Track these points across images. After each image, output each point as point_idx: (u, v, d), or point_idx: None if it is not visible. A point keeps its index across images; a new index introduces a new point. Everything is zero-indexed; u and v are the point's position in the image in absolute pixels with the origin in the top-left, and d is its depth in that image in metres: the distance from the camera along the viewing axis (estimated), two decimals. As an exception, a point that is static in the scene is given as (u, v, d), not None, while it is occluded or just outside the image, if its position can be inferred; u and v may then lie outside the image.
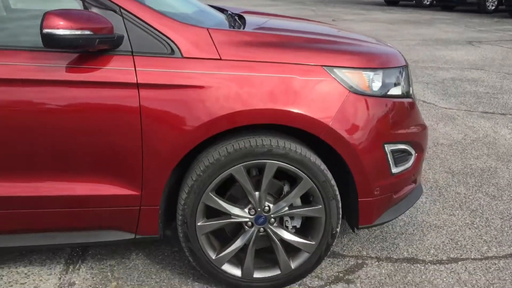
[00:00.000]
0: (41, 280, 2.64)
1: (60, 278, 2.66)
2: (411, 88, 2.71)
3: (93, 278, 2.67)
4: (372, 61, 2.48)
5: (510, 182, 3.82)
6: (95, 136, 2.26)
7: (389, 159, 2.50)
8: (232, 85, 2.28)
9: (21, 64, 2.19)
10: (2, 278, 2.65)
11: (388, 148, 2.49)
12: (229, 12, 3.23)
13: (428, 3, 19.33)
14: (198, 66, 2.27)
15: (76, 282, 2.63)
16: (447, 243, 3.00)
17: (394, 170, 2.54)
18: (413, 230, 3.14)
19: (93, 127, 2.24)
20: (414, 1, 19.50)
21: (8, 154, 2.24)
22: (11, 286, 2.59)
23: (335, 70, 2.37)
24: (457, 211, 3.38)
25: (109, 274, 2.71)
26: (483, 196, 3.60)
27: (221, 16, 3.09)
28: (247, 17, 3.06)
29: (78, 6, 2.27)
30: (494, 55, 9.05)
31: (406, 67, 2.71)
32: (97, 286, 2.60)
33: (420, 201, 3.51)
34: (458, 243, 3.00)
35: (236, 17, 3.11)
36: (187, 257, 2.54)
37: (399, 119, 2.58)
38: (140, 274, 2.71)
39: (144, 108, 2.24)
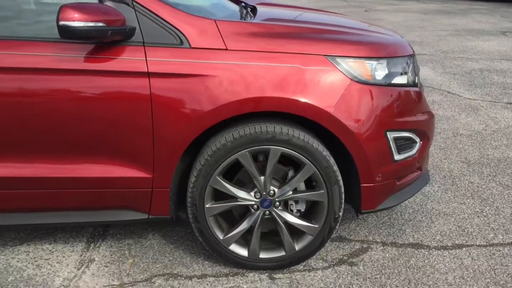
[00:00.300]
0: (63, 256, 2.84)
1: (81, 255, 2.85)
2: (417, 77, 2.77)
3: (111, 255, 2.85)
4: (374, 50, 2.56)
5: (526, 172, 3.83)
6: (110, 121, 2.42)
7: (392, 146, 2.58)
8: (238, 74, 2.40)
9: (45, 54, 2.37)
10: (28, 254, 2.85)
11: (391, 135, 2.57)
12: (243, 3, 3.34)
13: (465, -8, 18.89)
14: (205, 56, 2.40)
15: (96, 259, 2.81)
16: (454, 230, 3.05)
17: (397, 157, 2.62)
18: (422, 217, 3.21)
19: (108, 113, 2.40)
20: (450, -9, 19.08)
21: (28, 138, 2.43)
22: (36, 261, 2.79)
23: (338, 59, 2.46)
24: (468, 200, 3.42)
25: (126, 252, 2.88)
26: (496, 185, 3.62)
27: (234, 7, 3.20)
28: (260, 9, 3.17)
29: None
30: (527, 46, 8.86)
31: (412, 56, 2.77)
32: (114, 262, 2.78)
33: (432, 190, 3.56)
34: (465, 230, 3.06)
35: (249, 8, 3.22)
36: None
37: (403, 108, 2.64)
38: (155, 252, 2.88)
39: (155, 95, 2.38)
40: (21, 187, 2.51)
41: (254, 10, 3.17)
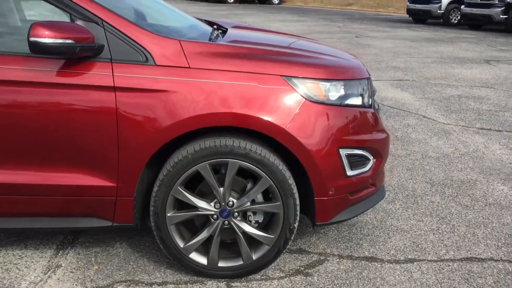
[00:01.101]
0: (32, 261, 2.96)
1: (49, 261, 2.97)
2: (371, 99, 2.94)
3: (77, 262, 2.97)
4: (328, 73, 2.73)
5: (486, 194, 3.98)
6: (77, 132, 2.57)
7: (344, 163, 2.73)
8: (199, 91, 2.56)
9: (16, 68, 2.52)
10: (-2, 259, 2.98)
11: (343, 152, 2.72)
12: (215, 26, 3.53)
13: (455, 21, 19.31)
14: (169, 73, 2.57)
15: (63, 265, 2.93)
16: (408, 246, 3.19)
17: (350, 173, 2.77)
18: (380, 233, 3.35)
19: (76, 125, 2.56)
20: (441, 20, 19.51)
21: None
22: (5, 265, 2.91)
23: (293, 79, 2.63)
24: (427, 218, 3.56)
25: (92, 259, 3.01)
26: (456, 205, 3.77)
27: (207, 29, 3.39)
28: (230, 31, 3.35)
29: (68, 19, 2.60)
30: (508, 74, 9.11)
31: (367, 79, 2.95)
32: (80, 268, 2.90)
33: (393, 207, 3.71)
34: (419, 246, 3.20)
35: (220, 30, 3.40)
36: (162, 246, 2.81)
37: (356, 127, 2.80)
38: (120, 260, 3.00)
39: (120, 109, 2.54)
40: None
41: (224, 32, 3.35)
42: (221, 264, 2.80)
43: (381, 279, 2.84)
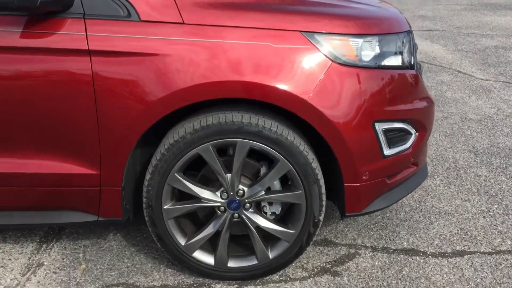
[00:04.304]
0: (10, 259, 2.51)
1: (30, 258, 2.52)
2: (413, 57, 2.36)
3: (63, 259, 2.52)
4: (360, 26, 2.14)
5: (541, 164, 3.41)
6: (47, 108, 2.06)
7: (381, 140, 2.19)
8: (196, 54, 2.01)
9: None
10: (-28, 256, 2.53)
11: (380, 127, 2.17)
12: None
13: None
14: (158, 31, 2.01)
15: (45, 263, 2.48)
16: (455, 233, 2.67)
17: (387, 152, 2.23)
18: (419, 217, 2.82)
19: (43, 98, 2.04)
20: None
21: None
22: (-21, 264, 2.47)
23: (316, 36, 2.06)
24: (474, 196, 3.02)
25: (80, 255, 2.55)
26: (507, 179, 3.21)
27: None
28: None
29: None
30: (547, 21, 8.31)
31: (409, 33, 2.36)
32: (65, 268, 2.45)
33: (433, 184, 3.16)
34: (468, 233, 2.67)
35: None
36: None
37: (396, 94, 2.24)
38: (112, 257, 2.54)
39: (97, 78, 2.01)
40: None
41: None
42: (231, 264, 2.32)
43: (426, 279, 2.33)
